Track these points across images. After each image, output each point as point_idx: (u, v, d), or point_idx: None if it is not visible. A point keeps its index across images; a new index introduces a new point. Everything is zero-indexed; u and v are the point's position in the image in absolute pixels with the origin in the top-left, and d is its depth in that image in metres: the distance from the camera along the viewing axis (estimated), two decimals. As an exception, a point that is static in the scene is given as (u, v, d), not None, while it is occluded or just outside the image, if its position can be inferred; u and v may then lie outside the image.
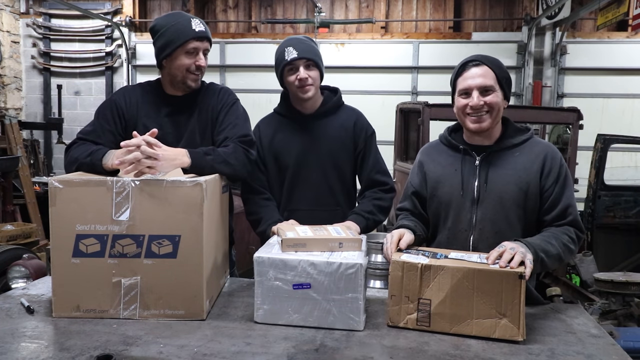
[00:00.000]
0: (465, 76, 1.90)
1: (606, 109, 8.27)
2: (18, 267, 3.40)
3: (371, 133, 2.39)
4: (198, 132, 2.13)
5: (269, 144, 2.35)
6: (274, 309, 1.69)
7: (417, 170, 2.09)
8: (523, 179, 1.89)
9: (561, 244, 1.79)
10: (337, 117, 2.36)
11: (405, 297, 1.66)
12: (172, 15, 2.11)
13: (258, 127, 2.42)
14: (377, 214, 2.28)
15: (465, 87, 1.89)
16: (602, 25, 6.79)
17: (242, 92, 8.54)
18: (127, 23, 9.19)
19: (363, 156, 2.35)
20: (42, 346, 1.53)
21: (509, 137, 1.95)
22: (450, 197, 1.96)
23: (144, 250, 1.70)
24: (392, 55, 8.78)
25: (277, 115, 2.42)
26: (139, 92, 2.18)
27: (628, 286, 3.48)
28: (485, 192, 1.91)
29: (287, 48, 2.22)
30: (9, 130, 6.49)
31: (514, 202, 1.89)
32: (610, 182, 5.35)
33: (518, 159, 1.92)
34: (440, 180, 1.99)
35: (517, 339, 1.58)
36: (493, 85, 1.87)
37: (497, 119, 1.92)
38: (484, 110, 1.88)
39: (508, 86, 1.93)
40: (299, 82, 2.23)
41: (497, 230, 1.89)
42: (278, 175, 2.35)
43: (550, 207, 1.88)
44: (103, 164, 1.83)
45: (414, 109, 5.08)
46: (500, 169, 1.91)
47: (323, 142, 2.32)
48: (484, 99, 1.87)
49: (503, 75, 1.90)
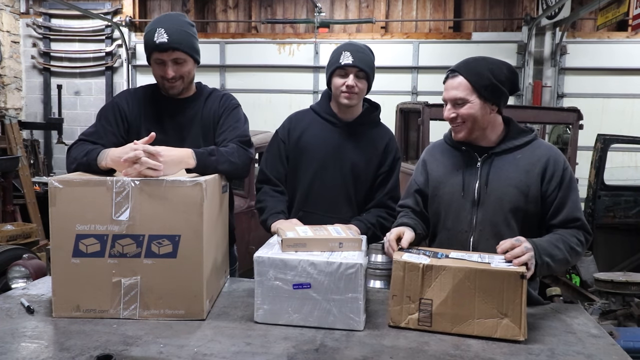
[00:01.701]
0: (444, 87, 1.94)
1: (606, 109, 8.27)
2: (18, 267, 3.40)
3: (398, 158, 2.38)
4: (201, 135, 2.13)
5: (297, 138, 2.33)
6: (274, 308, 1.69)
7: (421, 169, 2.09)
8: (524, 181, 1.88)
9: (568, 247, 1.79)
10: (371, 132, 2.34)
11: (407, 297, 1.66)
12: (155, 21, 2.06)
13: (290, 120, 2.40)
14: (379, 229, 2.27)
15: (443, 98, 1.95)
16: (602, 25, 6.79)
17: (242, 92, 8.57)
18: (127, 23, 9.19)
19: (385, 178, 2.33)
20: (42, 346, 1.53)
21: (512, 139, 1.94)
22: (451, 198, 1.96)
23: (144, 250, 1.70)
24: (392, 55, 8.78)
25: (312, 112, 2.39)
26: (142, 94, 2.18)
27: (628, 286, 3.48)
28: (486, 194, 1.91)
29: (345, 52, 2.19)
30: (9, 130, 6.49)
31: (514, 205, 1.88)
32: (610, 182, 5.36)
33: (520, 161, 1.91)
34: (442, 180, 1.99)
35: (519, 339, 1.59)
36: (464, 97, 1.86)
37: (475, 129, 1.91)
38: (458, 122, 1.90)
39: (492, 92, 1.88)
40: (346, 88, 2.21)
41: (497, 232, 1.88)
42: (299, 172, 2.33)
43: (556, 212, 1.88)
44: (97, 163, 1.83)
45: (414, 109, 5.08)
46: (501, 171, 1.91)
47: (351, 152, 2.29)
48: (456, 111, 1.89)
49: (482, 84, 1.86)
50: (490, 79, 1.87)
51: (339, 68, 2.20)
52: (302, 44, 9.03)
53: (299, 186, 2.33)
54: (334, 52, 2.25)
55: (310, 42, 8.93)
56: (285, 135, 2.35)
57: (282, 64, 9.03)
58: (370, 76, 2.25)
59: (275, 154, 2.35)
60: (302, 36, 9.16)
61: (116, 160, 1.78)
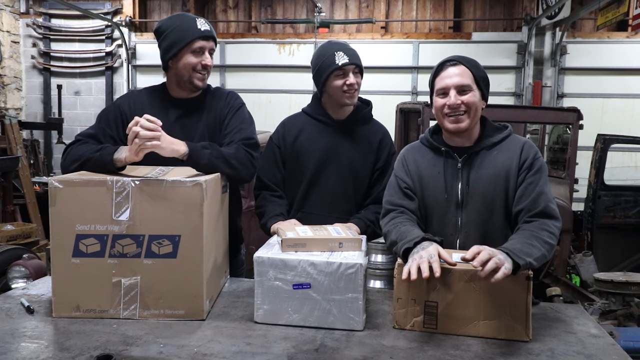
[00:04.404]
0: (442, 76, 1.89)
1: (606, 109, 8.27)
2: (18, 267, 3.41)
3: (393, 153, 2.38)
4: (207, 135, 2.12)
5: (292, 142, 2.35)
6: (274, 309, 1.69)
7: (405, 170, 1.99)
8: (503, 177, 1.86)
9: (542, 243, 1.69)
10: (365, 129, 2.36)
11: (412, 300, 1.66)
12: (176, 17, 2.13)
13: (283, 125, 2.41)
14: (378, 226, 2.27)
15: (443, 86, 1.88)
16: (602, 25, 6.79)
17: (242, 92, 8.46)
18: (127, 23, 9.19)
19: (380, 173, 2.34)
20: (42, 346, 1.53)
21: (488, 137, 1.93)
22: (434, 201, 1.93)
23: (144, 250, 1.70)
24: (392, 55, 8.78)
25: (304, 115, 2.41)
26: (145, 96, 2.18)
27: (628, 286, 3.48)
28: (468, 195, 1.88)
29: (338, 52, 2.20)
30: (9, 130, 6.50)
31: (496, 203, 1.86)
32: (610, 182, 5.36)
33: (497, 157, 1.89)
34: (424, 184, 1.95)
35: (524, 339, 1.59)
36: (470, 84, 1.86)
37: (475, 119, 1.90)
38: (461, 110, 1.86)
39: (486, 86, 1.91)
40: (348, 87, 2.22)
41: (483, 232, 1.86)
42: (297, 175, 2.34)
43: (522, 197, 1.82)
44: (115, 158, 1.82)
45: (414, 109, 5.08)
46: (480, 170, 1.88)
47: (347, 150, 2.31)
48: (461, 98, 1.85)
49: (480, 75, 1.88)
50: (485, 73, 1.91)
51: (337, 69, 2.21)
52: (302, 44, 9.04)
53: (297, 188, 2.34)
54: (324, 54, 2.25)
55: (310, 42, 8.93)
56: (279, 141, 2.36)
57: (282, 64, 9.03)
58: (363, 71, 2.30)
59: (271, 160, 2.37)
60: (302, 36, 9.17)
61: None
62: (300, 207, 2.33)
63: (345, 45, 2.27)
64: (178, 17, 2.12)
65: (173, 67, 2.11)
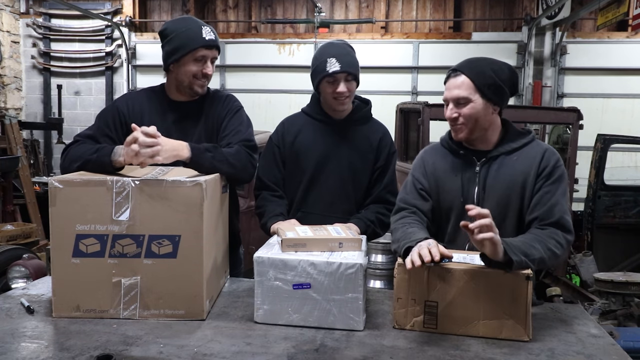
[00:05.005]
0: (446, 87, 1.91)
1: (606, 109, 8.27)
2: (18, 267, 3.41)
3: (393, 152, 2.38)
4: (205, 138, 2.12)
5: (291, 142, 2.34)
6: (274, 309, 1.69)
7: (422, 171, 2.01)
8: (520, 184, 1.85)
9: (545, 248, 1.68)
10: (364, 128, 2.35)
11: (412, 300, 1.66)
12: (183, 21, 2.11)
13: (283, 124, 2.41)
14: (378, 226, 2.27)
15: (444, 98, 1.92)
16: (602, 25, 6.79)
17: (242, 92, 8.57)
18: (127, 23, 9.19)
19: (381, 172, 2.34)
20: (42, 346, 1.53)
21: (509, 141, 1.91)
22: (451, 203, 1.93)
23: (144, 250, 1.70)
24: (392, 55, 8.78)
25: (304, 115, 2.40)
26: (144, 98, 2.18)
27: (628, 286, 3.48)
28: (484, 200, 1.88)
29: (329, 59, 2.17)
30: (9, 130, 6.50)
31: (510, 209, 1.86)
32: (610, 182, 5.36)
33: (516, 163, 1.88)
34: (440, 185, 1.96)
35: (524, 339, 1.59)
36: (467, 96, 1.84)
37: (477, 129, 1.88)
38: (458, 123, 1.87)
39: (495, 92, 1.86)
40: (337, 94, 2.21)
41: None
42: (296, 175, 2.33)
43: (537, 205, 1.81)
44: (112, 160, 1.82)
45: (414, 109, 5.08)
46: (499, 175, 1.88)
47: (346, 149, 2.30)
48: (458, 110, 1.86)
49: (486, 83, 1.84)
50: (493, 78, 1.85)
51: (327, 76, 2.19)
52: (302, 44, 9.03)
53: (297, 188, 2.34)
54: (318, 58, 2.23)
55: (310, 42, 8.93)
56: (279, 140, 2.36)
57: (282, 64, 9.03)
58: (358, 76, 2.25)
59: (270, 160, 2.36)
60: (302, 36, 9.17)
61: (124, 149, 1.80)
62: (300, 206, 2.33)
63: (341, 49, 2.23)
64: (185, 22, 2.10)
65: (174, 71, 2.11)
